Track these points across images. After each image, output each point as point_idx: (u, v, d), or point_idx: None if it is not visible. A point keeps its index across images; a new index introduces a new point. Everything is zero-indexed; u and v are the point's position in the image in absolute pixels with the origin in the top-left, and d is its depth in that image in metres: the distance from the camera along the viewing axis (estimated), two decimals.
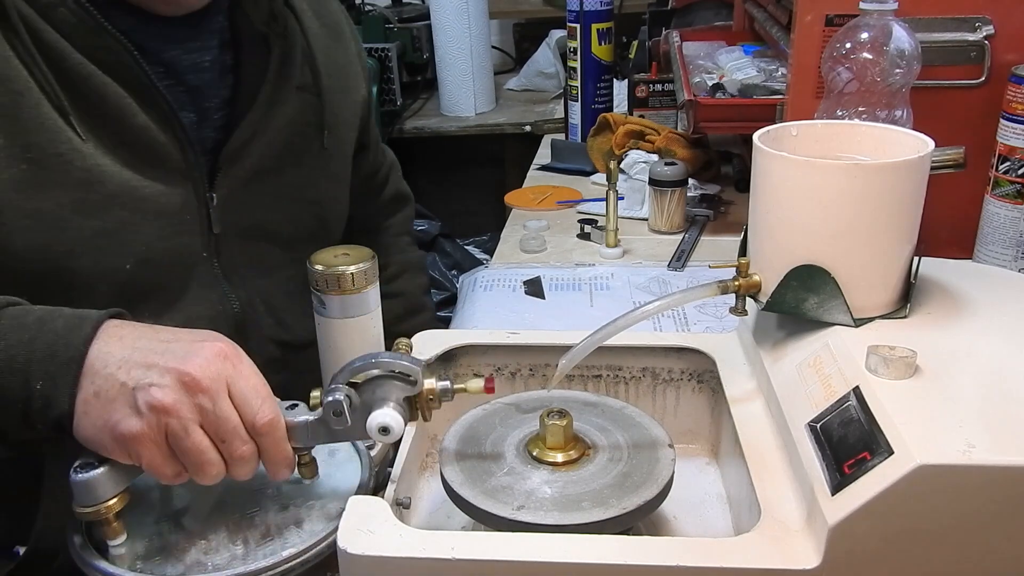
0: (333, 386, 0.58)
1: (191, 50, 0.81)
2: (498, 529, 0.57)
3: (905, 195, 0.58)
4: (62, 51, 0.71)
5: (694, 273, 1.17)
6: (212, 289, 0.84)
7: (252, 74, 0.85)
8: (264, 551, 0.58)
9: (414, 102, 2.36)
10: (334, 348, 0.67)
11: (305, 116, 0.90)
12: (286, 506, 0.62)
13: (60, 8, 0.71)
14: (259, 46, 0.86)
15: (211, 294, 0.84)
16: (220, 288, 0.85)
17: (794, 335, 0.64)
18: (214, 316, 0.84)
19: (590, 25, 1.59)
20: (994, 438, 0.48)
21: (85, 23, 0.72)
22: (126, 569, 0.57)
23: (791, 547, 0.51)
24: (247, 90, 0.85)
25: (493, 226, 2.04)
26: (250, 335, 0.88)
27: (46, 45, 0.70)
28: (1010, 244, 0.98)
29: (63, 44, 0.71)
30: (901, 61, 0.89)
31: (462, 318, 1.11)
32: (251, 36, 0.86)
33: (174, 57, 0.80)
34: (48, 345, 0.59)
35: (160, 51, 0.79)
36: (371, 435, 0.58)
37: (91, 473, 0.56)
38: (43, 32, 0.70)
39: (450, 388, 0.60)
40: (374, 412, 0.58)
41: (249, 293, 0.87)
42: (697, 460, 0.76)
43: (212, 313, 0.84)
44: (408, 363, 0.59)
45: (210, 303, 0.84)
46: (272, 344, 0.91)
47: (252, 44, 0.86)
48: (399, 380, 0.59)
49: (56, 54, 0.71)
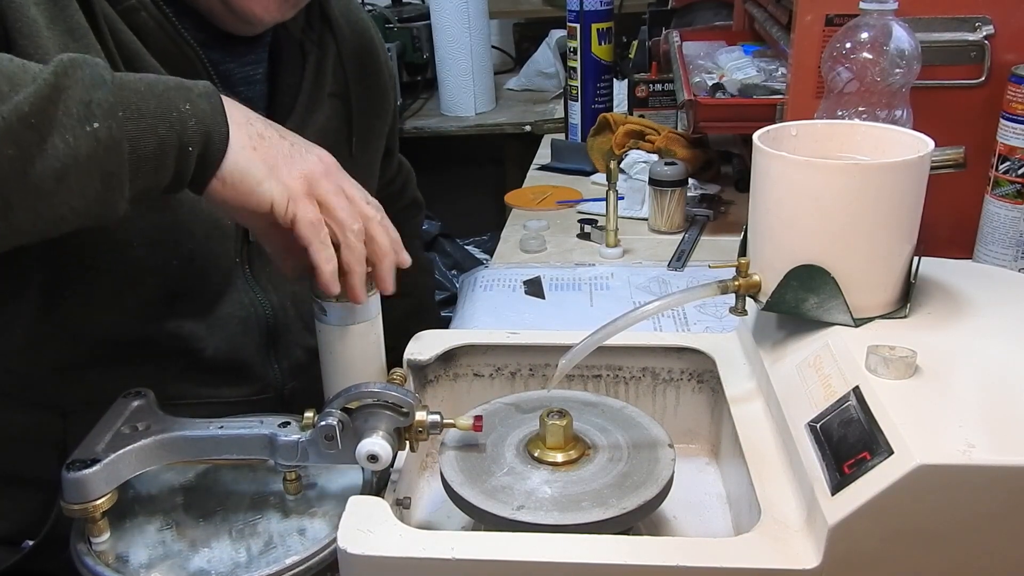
0: (327, 410, 0.59)
1: (246, 63, 0.84)
2: (498, 529, 0.57)
3: (905, 195, 0.58)
4: (138, 52, 0.73)
5: (694, 273, 1.17)
6: (245, 294, 0.86)
7: (289, 83, 0.87)
8: (267, 558, 0.58)
9: (414, 102, 2.36)
10: (334, 355, 0.68)
11: (336, 123, 0.92)
12: (288, 513, 0.62)
13: (141, 12, 0.73)
14: (295, 54, 0.88)
15: (244, 298, 0.86)
16: (252, 293, 0.87)
17: (794, 335, 0.64)
18: (246, 318, 0.87)
19: (590, 25, 1.59)
20: (994, 438, 0.48)
21: (163, 29, 0.74)
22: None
23: (791, 547, 0.51)
24: (283, 98, 0.87)
25: (493, 226, 2.04)
26: (280, 339, 0.90)
27: (124, 45, 0.72)
28: (1010, 244, 0.98)
29: (139, 46, 0.73)
30: (901, 61, 0.89)
31: (462, 318, 1.11)
32: (288, 44, 0.88)
33: (231, 69, 0.82)
34: (176, 84, 0.60)
35: (219, 63, 0.81)
36: (359, 461, 0.59)
37: (83, 472, 0.56)
38: (122, 32, 0.72)
39: (439, 422, 0.62)
40: (364, 440, 0.59)
41: (280, 298, 0.89)
42: (697, 460, 0.76)
43: (244, 315, 0.86)
44: (402, 395, 0.60)
45: (242, 306, 0.86)
46: (300, 349, 0.93)
47: (289, 52, 0.88)
48: (392, 411, 0.60)
49: (132, 54, 0.73)
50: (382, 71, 1.00)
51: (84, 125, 0.54)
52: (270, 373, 0.90)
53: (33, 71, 0.54)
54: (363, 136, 0.95)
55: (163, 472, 0.66)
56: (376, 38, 1.02)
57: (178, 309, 0.82)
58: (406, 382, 0.70)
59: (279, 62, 0.87)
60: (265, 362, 0.90)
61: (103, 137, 0.54)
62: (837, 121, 0.73)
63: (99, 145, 0.54)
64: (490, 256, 1.32)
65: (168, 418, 0.62)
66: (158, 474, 0.66)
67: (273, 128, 0.64)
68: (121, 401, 0.64)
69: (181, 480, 0.66)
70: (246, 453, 0.61)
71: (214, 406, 0.84)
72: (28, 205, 0.54)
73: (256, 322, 0.87)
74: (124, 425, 0.61)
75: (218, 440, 0.61)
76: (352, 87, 0.92)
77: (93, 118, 0.54)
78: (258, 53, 0.85)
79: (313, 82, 0.88)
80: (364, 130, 0.95)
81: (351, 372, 0.68)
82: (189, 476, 0.66)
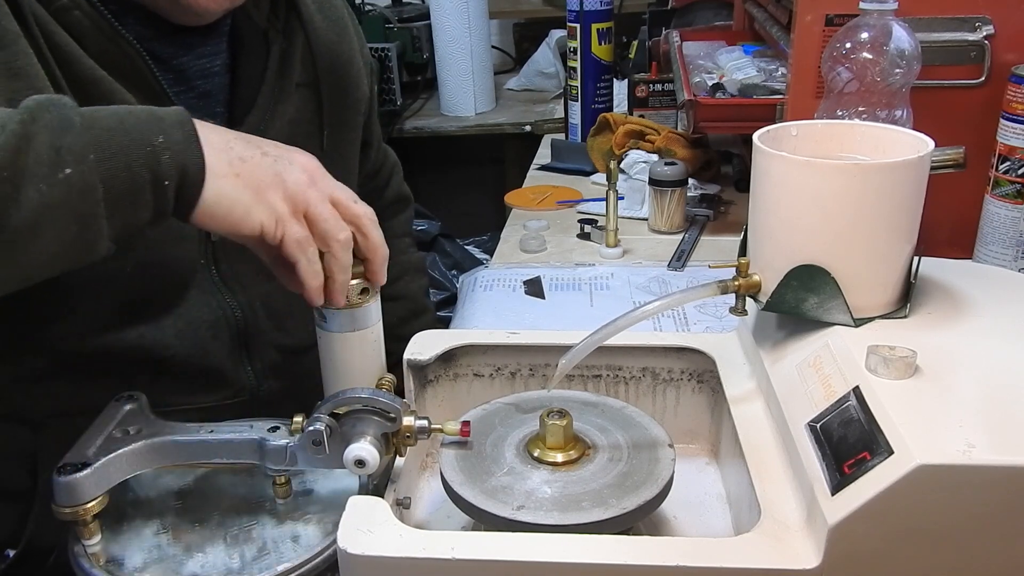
0: (315, 415, 0.60)
1: (201, 55, 0.81)
2: (498, 529, 0.57)
3: (905, 195, 0.58)
4: (72, 54, 0.70)
5: (694, 273, 1.17)
6: (212, 295, 0.84)
7: (251, 74, 0.84)
8: (259, 564, 0.58)
9: (414, 102, 2.36)
10: (335, 361, 0.68)
11: (306, 114, 0.89)
12: (283, 519, 0.62)
13: (74, 11, 0.70)
14: (258, 43, 0.85)
15: (211, 300, 0.84)
16: (219, 295, 0.84)
17: (794, 335, 0.64)
18: (215, 321, 0.84)
19: (590, 25, 1.59)
20: (994, 438, 0.48)
21: (100, 28, 0.71)
22: None
23: (791, 547, 0.51)
24: (246, 90, 0.84)
25: (493, 226, 2.04)
26: (252, 340, 0.88)
27: (57, 47, 0.70)
28: (1010, 244, 0.98)
29: (74, 47, 0.70)
30: (901, 61, 0.89)
31: (462, 318, 1.11)
32: (251, 33, 0.84)
33: (185, 63, 0.79)
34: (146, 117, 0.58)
35: (172, 57, 0.78)
36: (347, 466, 0.59)
37: (74, 475, 0.57)
38: (55, 34, 0.69)
39: (427, 427, 0.62)
40: (351, 445, 0.59)
41: (250, 298, 0.87)
42: (697, 460, 0.76)
43: (213, 318, 0.84)
44: (389, 401, 0.61)
45: (210, 308, 0.84)
46: (273, 349, 0.90)
47: (251, 41, 0.84)
48: (379, 416, 0.60)
49: (67, 56, 0.70)
50: (355, 60, 0.96)
51: (56, 172, 0.53)
52: (243, 376, 0.88)
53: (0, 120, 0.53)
54: (335, 128, 0.92)
55: (161, 476, 0.66)
56: (350, 26, 0.97)
57: (138, 316, 0.80)
58: (393, 388, 0.71)
59: (241, 52, 0.84)
60: (237, 365, 0.88)
61: (75, 182, 0.53)
62: (837, 121, 0.73)
63: (72, 190, 0.53)
64: (490, 256, 1.32)
65: (159, 422, 0.62)
66: (156, 478, 0.66)
67: (254, 146, 0.62)
68: (113, 405, 0.64)
69: (179, 484, 0.66)
70: (236, 457, 0.61)
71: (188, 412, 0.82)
72: (7, 258, 0.53)
73: (226, 324, 0.85)
74: (116, 429, 0.61)
75: (208, 444, 0.61)
76: (323, 77, 0.89)
77: (64, 164, 0.53)
78: (214, 44, 0.81)
79: (278, 72, 0.85)
80: (336, 122, 0.92)
81: (352, 378, 0.67)
82: (187, 480, 0.67)
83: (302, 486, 0.66)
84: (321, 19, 0.91)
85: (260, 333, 0.88)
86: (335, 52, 0.92)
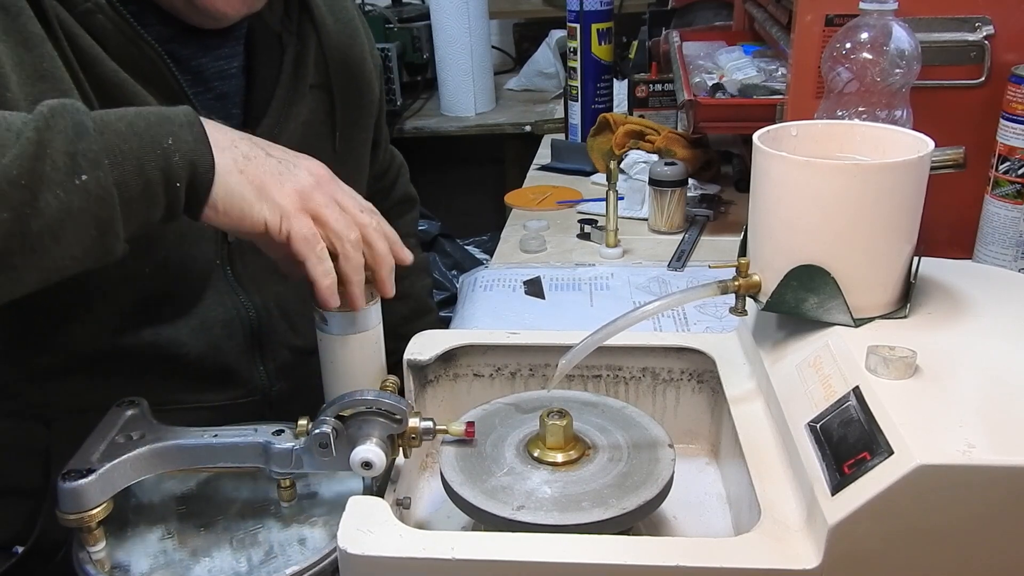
0: (321, 418, 0.60)
1: (219, 57, 0.82)
2: (498, 529, 0.57)
3: (905, 195, 0.58)
4: (96, 57, 0.71)
5: (694, 273, 1.17)
6: (227, 296, 0.85)
7: (266, 76, 0.85)
8: (267, 568, 0.58)
9: (414, 102, 2.36)
10: (336, 364, 0.68)
11: (319, 116, 0.90)
12: (289, 523, 0.62)
13: (97, 15, 0.71)
14: (273, 46, 0.86)
15: (226, 300, 0.85)
16: (235, 295, 0.86)
17: (794, 335, 0.64)
18: (229, 320, 0.85)
19: (590, 25, 1.59)
20: (994, 438, 0.48)
21: (122, 31, 0.72)
22: None
23: (791, 547, 0.51)
24: (261, 92, 0.85)
25: (493, 226, 2.04)
26: (265, 340, 0.89)
27: (81, 50, 0.71)
28: (1010, 244, 0.98)
29: (97, 50, 0.71)
30: (901, 61, 0.89)
31: (462, 318, 1.11)
32: (265, 35, 0.85)
33: (203, 64, 0.81)
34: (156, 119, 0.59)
35: (190, 59, 0.79)
36: (353, 468, 0.59)
37: (78, 482, 0.56)
38: (79, 37, 0.71)
39: (432, 428, 0.62)
40: (357, 447, 0.59)
41: (264, 299, 0.88)
42: (697, 460, 0.76)
43: (227, 317, 0.85)
44: (395, 402, 0.61)
45: (225, 309, 0.85)
46: (285, 349, 0.92)
47: (266, 44, 0.85)
48: (385, 418, 0.61)
49: (90, 59, 0.71)
50: (366, 61, 0.97)
51: (73, 178, 0.54)
52: (256, 376, 0.89)
53: (16, 127, 0.53)
54: (347, 129, 0.93)
55: (165, 481, 0.66)
56: (361, 28, 0.99)
57: (155, 315, 0.81)
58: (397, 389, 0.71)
59: (256, 55, 0.85)
60: (250, 365, 0.89)
61: (92, 188, 0.55)
62: (837, 121, 0.73)
63: (90, 196, 0.55)
64: (490, 256, 1.32)
65: (162, 427, 0.62)
66: (160, 483, 0.66)
67: (259, 147, 0.64)
68: (115, 410, 0.64)
69: (183, 489, 0.66)
70: (241, 461, 0.61)
71: (199, 411, 0.83)
72: (28, 263, 0.54)
73: (240, 324, 0.86)
74: (119, 435, 0.61)
75: (213, 448, 0.61)
76: (335, 79, 0.90)
77: (80, 170, 0.54)
78: (231, 46, 0.83)
79: (292, 74, 0.86)
80: (348, 123, 0.93)
81: (352, 381, 0.67)
82: (191, 485, 0.66)
83: (306, 489, 0.66)
84: (333, 21, 0.92)
85: (273, 333, 0.89)
86: (347, 54, 0.93)
